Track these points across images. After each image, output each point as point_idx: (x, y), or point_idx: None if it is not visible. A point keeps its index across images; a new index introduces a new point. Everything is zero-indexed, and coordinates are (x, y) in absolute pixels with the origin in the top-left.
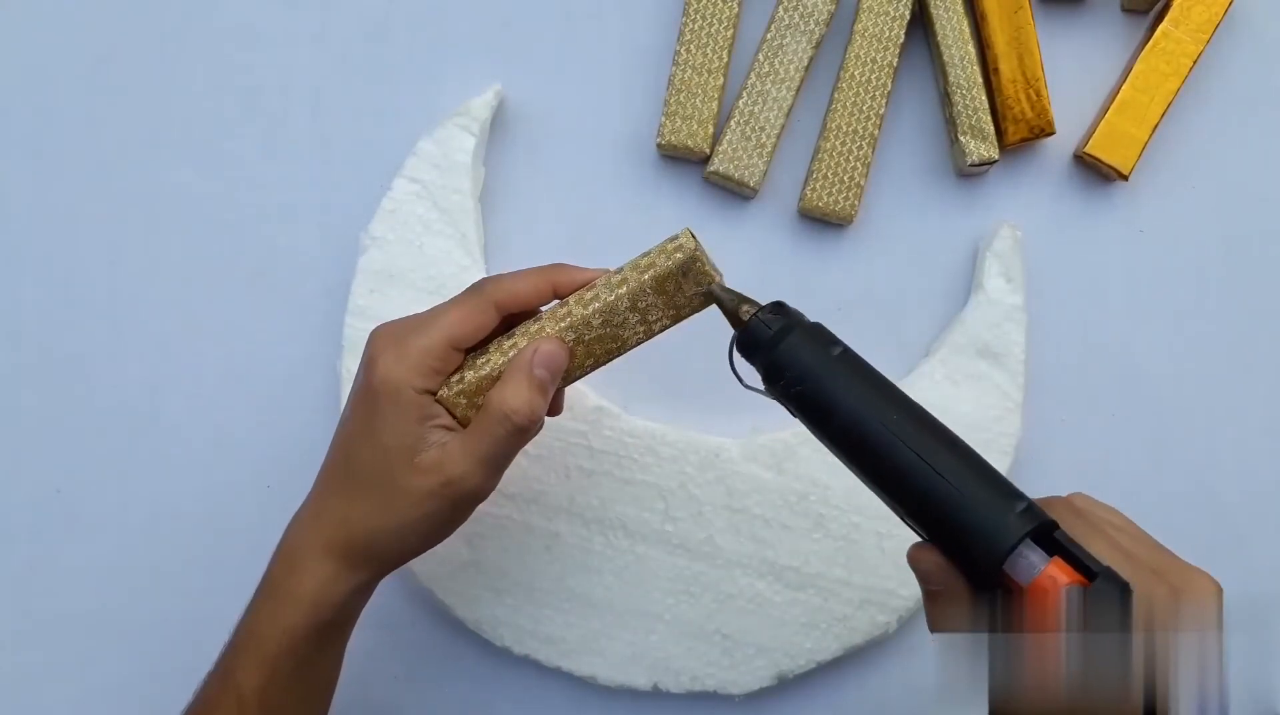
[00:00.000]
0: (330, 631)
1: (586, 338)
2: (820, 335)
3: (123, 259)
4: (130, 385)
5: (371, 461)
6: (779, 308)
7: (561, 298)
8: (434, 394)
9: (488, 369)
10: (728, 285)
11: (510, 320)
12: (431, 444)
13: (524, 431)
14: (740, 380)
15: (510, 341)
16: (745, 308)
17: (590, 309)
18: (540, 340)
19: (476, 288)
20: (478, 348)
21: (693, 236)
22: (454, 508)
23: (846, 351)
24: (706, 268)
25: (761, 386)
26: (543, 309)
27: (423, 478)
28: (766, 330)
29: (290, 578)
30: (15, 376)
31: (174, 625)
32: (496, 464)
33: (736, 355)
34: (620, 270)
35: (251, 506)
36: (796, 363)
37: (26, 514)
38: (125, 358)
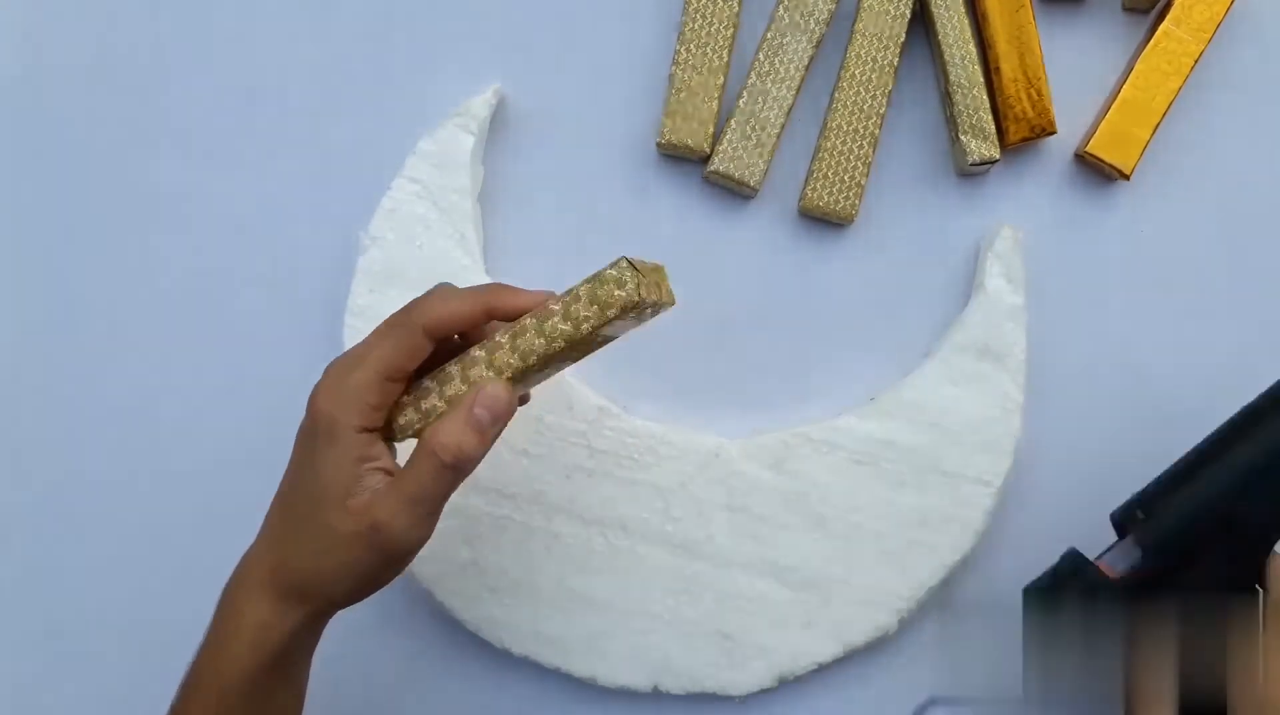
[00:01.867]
0: (277, 670)
1: (531, 371)
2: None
3: (122, 259)
4: (130, 386)
5: (307, 500)
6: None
7: (500, 318)
8: (374, 431)
9: (425, 409)
10: None
11: (445, 345)
12: (365, 487)
13: (453, 470)
14: None
15: (448, 379)
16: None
17: (531, 357)
18: (487, 382)
19: (405, 314)
20: (423, 371)
21: (630, 269)
22: (383, 555)
23: None
24: (650, 300)
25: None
26: (490, 335)
27: (353, 520)
28: None
29: (231, 618)
30: (15, 376)
31: (174, 625)
32: (427, 507)
33: None
34: (561, 307)
35: (251, 507)
36: None
37: (26, 514)
38: (125, 358)
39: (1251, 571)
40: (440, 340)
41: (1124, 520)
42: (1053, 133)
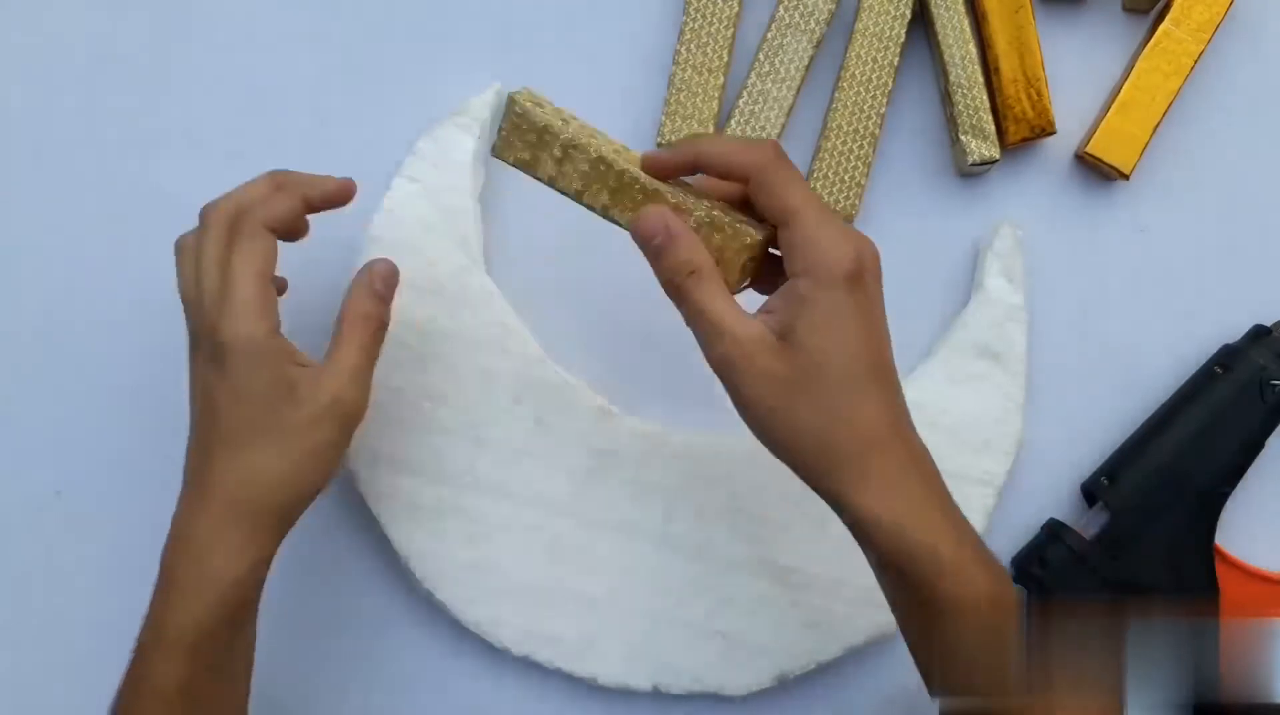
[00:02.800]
0: (244, 609)
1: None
2: None
3: (122, 259)
4: (130, 385)
5: (251, 414)
6: None
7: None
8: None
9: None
10: None
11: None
12: (301, 377)
13: (378, 334)
14: None
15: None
16: None
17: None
18: (373, 261)
19: (241, 222)
20: None
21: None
22: (342, 427)
23: None
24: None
25: None
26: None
27: (309, 405)
28: None
29: (196, 564)
30: (15, 377)
31: None
32: (364, 372)
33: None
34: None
35: None
36: None
37: (26, 515)
38: (125, 358)
39: (1207, 522)
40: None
41: (1092, 489)
42: (1052, 133)
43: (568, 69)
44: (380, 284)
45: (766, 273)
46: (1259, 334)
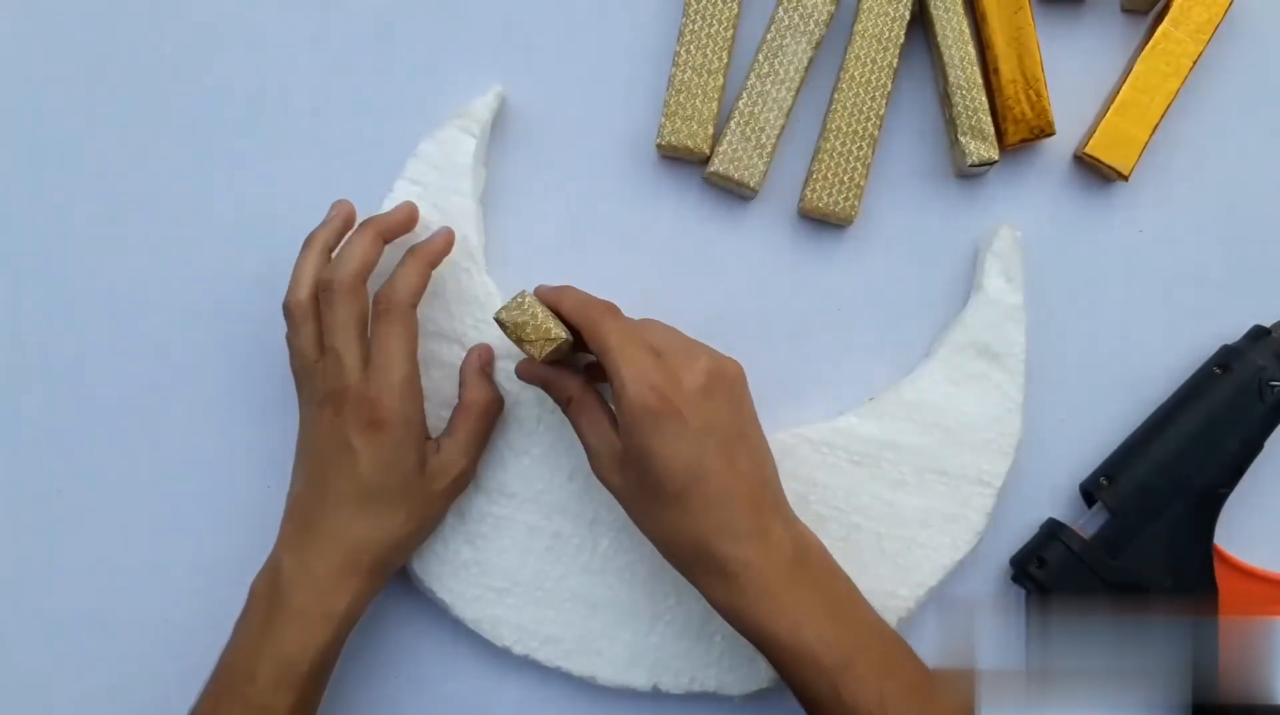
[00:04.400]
0: (344, 642)
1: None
2: None
3: (123, 259)
4: (130, 385)
5: (394, 482)
6: None
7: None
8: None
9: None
10: None
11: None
12: (430, 453)
13: (494, 414)
14: None
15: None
16: None
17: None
18: (477, 345)
19: (388, 304)
20: None
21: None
22: (457, 492)
23: None
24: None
25: None
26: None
27: (438, 481)
28: None
29: (319, 601)
30: (15, 376)
31: (174, 625)
32: (480, 447)
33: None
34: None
35: (252, 506)
36: None
37: (27, 514)
38: (125, 358)
39: (1206, 522)
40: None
41: (1091, 488)
42: (1051, 134)
43: (568, 71)
44: (487, 366)
45: None
46: (1258, 334)
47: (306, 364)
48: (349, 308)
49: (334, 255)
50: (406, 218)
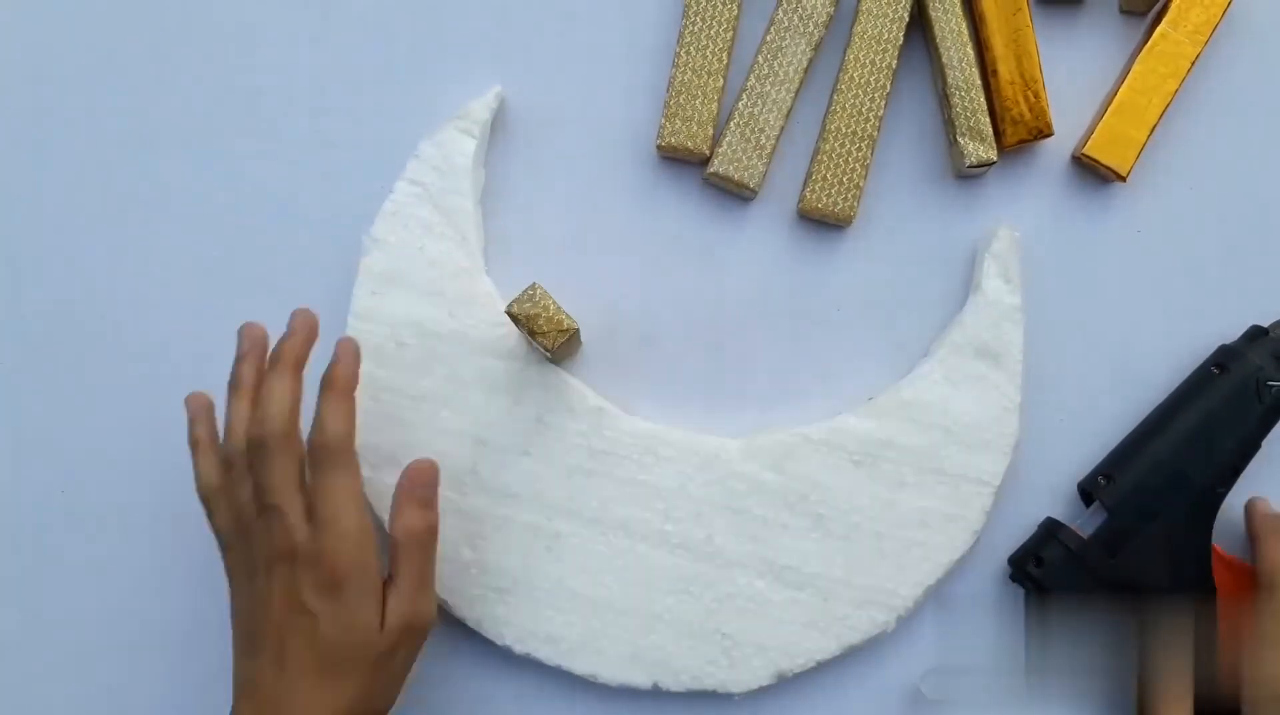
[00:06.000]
0: None
1: None
2: None
3: (123, 259)
4: (130, 385)
5: (354, 643)
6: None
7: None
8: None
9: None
10: None
11: None
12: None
13: (432, 544)
14: None
15: None
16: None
17: None
18: (410, 464)
19: (324, 447)
20: None
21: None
22: (416, 644)
23: None
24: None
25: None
26: None
27: (391, 636)
28: None
29: None
30: (16, 376)
31: (174, 625)
32: (429, 583)
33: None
34: None
35: None
36: None
37: (28, 514)
38: (125, 358)
39: (1204, 521)
40: None
41: (1089, 488)
42: (1050, 135)
43: (568, 71)
44: (423, 490)
45: None
46: (1256, 335)
47: (241, 526)
48: (285, 458)
49: (254, 402)
50: (309, 332)
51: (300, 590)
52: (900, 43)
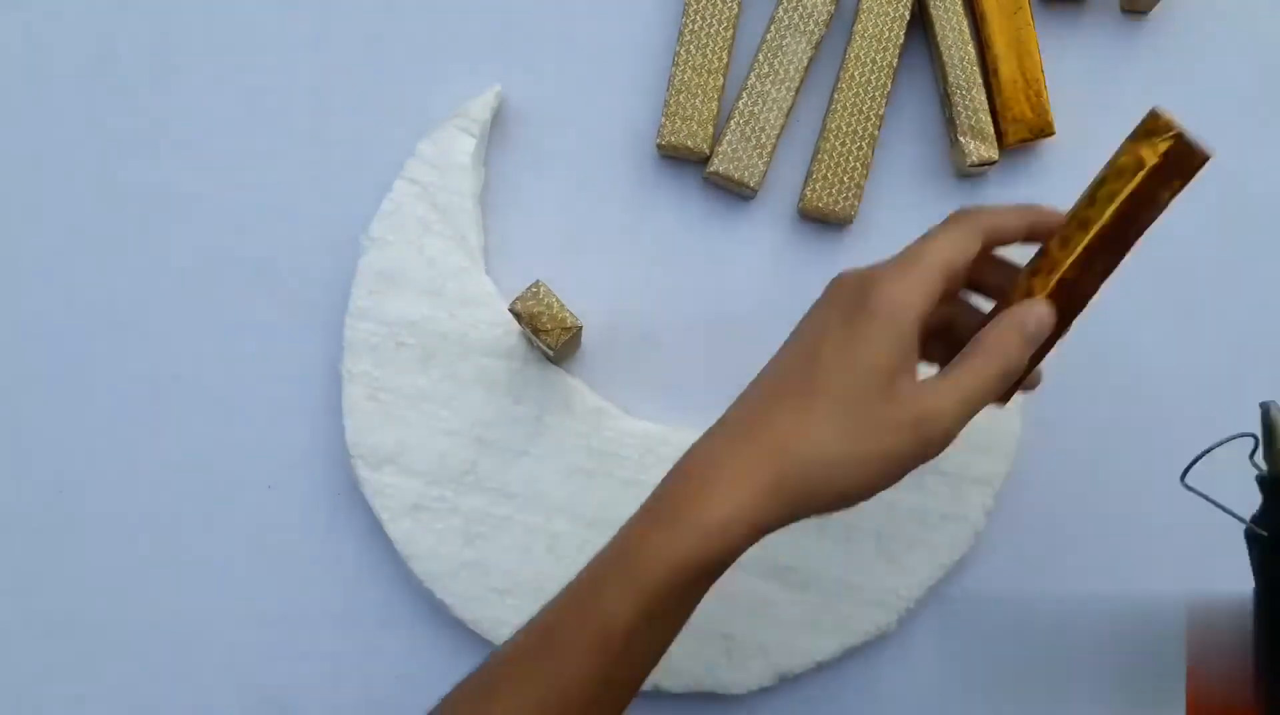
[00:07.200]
0: (715, 574)
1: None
2: None
3: (123, 259)
4: (130, 385)
5: (845, 382)
6: None
7: (1037, 239)
8: (923, 323)
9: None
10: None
11: (985, 256)
12: (907, 378)
13: (1009, 377)
14: (1188, 487)
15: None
16: None
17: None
18: (1034, 303)
19: (961, 216)
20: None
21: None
22: (920, 449)
23: None
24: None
25: (1224, 506)
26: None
27: (898, 408)
28: None
29: (697, 503)
30: (16, 376)
31: (174, 625)
32: (973, 408)
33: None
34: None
35: (251, 506)
36: None
37: (27, 514)
38: (125, 358)
39: None
40: (985, 249)
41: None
42: (1051, 134)
43: (568, 70)
44: (1035, 326)
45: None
46: None
47: None
48: (947, 228)
49: None
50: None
51: (830, 310)
52: (901, 41)
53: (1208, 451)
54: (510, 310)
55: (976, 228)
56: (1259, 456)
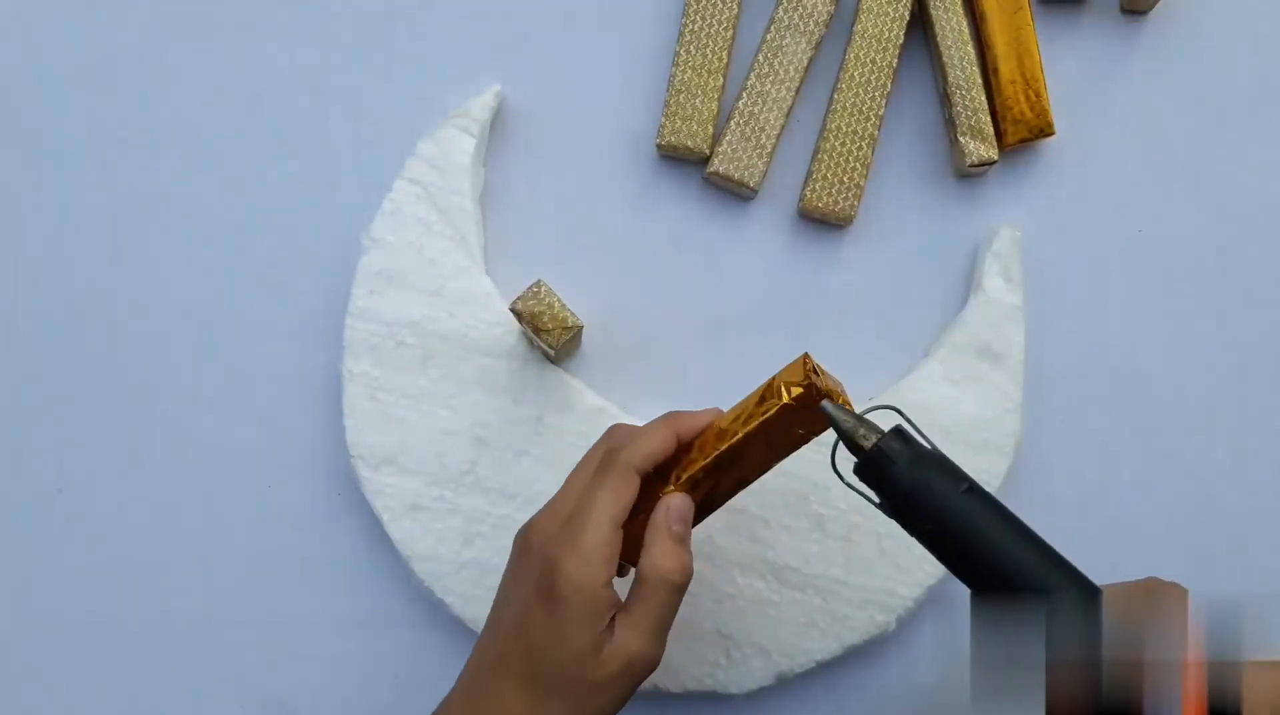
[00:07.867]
0: None
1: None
2: (947, 469)
3: (123, 259)
4: (130, 385)
5: (562, 664)
6: (901, 435)
7: (683, 444)
8: (611, 571)
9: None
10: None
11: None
12: (606, 637)
13: (683, 589)
14: (848, 485)
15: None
16: (864, 432)
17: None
18: (667, 496)
19: (612, 460)
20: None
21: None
22: (634, 683)
23: (973, 487)
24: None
25: (873, 498)
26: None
27: (608, 667)
28: (890, 461)
29: None
30: (15, 376)
31: (174, 625)
32: (665, 628)
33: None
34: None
35: (251, 506)
36: (927, 503)
37: (27, 514)
38: (125, 358)
39: None
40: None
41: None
42: (1051, 134)
43: (568, 70)
44: (679, 525)
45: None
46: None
47: None
48: (586, 468)
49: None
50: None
51: (527, 585)
52: (901, 41)
53: (835, 445)
54: (511, 310)
55: (631, 470)
56: (839, 455)
